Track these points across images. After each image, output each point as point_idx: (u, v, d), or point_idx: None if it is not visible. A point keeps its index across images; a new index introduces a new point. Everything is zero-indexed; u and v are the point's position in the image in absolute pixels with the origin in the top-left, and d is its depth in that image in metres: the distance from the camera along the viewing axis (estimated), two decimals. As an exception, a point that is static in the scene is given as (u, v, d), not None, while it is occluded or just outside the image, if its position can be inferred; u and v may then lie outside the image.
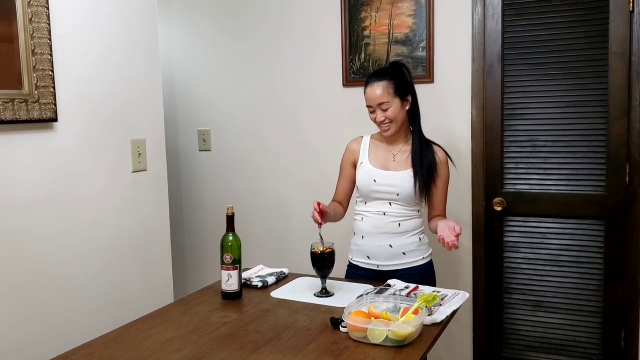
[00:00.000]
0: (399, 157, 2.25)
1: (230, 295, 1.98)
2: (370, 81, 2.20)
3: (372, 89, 2.18)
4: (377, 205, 2.24)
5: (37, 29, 1.87)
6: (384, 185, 2.21)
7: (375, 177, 2.23)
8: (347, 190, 2.37)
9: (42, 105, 1.90)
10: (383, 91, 2.16)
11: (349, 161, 2.35)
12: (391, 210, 2.22)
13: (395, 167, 2.24)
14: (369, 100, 2.19)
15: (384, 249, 2.22)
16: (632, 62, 2.44)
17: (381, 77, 2.19)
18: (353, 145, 2.36)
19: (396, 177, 2.21)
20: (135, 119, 2.34)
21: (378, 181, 2.22)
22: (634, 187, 2.49)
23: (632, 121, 2.46)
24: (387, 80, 2.18)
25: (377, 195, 2.24)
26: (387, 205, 2.22)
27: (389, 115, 2.17)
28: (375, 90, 2.17)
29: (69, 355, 1.56)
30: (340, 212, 2.35)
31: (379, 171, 2.23)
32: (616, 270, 2.56)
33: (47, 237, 1.98)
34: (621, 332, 2.58)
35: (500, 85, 2.65)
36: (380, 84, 2.17)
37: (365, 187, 2.25)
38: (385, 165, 2.25)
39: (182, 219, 3.50)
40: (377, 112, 2.18)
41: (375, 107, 2.17)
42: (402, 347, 1.55)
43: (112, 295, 2.24)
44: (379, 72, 2.24)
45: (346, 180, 2.36)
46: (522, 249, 2.71)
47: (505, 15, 2.62)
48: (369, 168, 2.26)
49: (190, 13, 3.34)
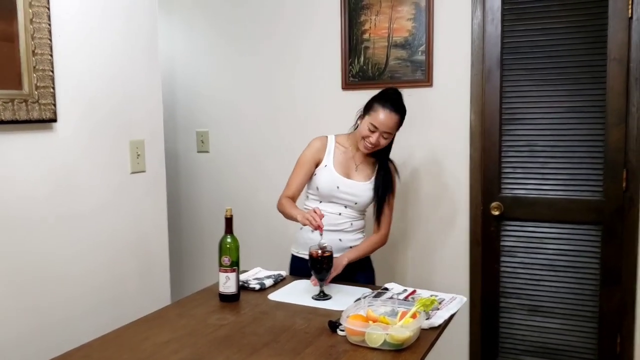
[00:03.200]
0: (361, 168, 2.34)
1: (227, 297, 1.98)
2: (389, 107, 2.20)
3: (390, 117, 2.19)
4: (333, 207, 2.31)
5: (38, 30, 1.87)
6: (346, 194, 2.29)
7: (339, 184, 2.28)
8: (301, 187, 2.38)
9: (41, 106, 1.90)
10: (396, 125, 2.23)
11: (313, 159, 2.35)
12: (346, 212, 2.32)
13: (357, 177, 2.32)
14: (381, 125, 2.19)
15: (334, 243, 2.23)
16: (631, 69, 2.45)
17: (399, 110, 2.22)
18: (318, 144, 2.37)
19: (358, 188, 2.29)
20: (135, 120, 2.34)
21: (341, 188, 2.28)
22: (630, 193, 2.50)
23: (630, 127, 2.47)
24: (401, 116, 2.23)
25: (336, 200, 2.31)
26: (343, 208, 2.31)
27: (382, 144, 2.24)
28: (392, 120, 2.20)
29: (65, 357, 1.56)
30: None
31: (343, 179, 2.29)
32: (612, 276, 2.56)
33: (45, 238, 1.97)
34: (617, 338, 2.58)
35: (499, 90, 2.66)
36: (397, 117, 2.21)
37: (328, 191, 2.30)
38: (348, 173, 2.31)
39: (180, 220, 3.50)
40: (376, 135, 2.21)
41: (380, 132, 2.20)
42: (400, 351, 1.55)
43: (109, 296, 2.23)
44: (398, 104, 2.24)
45: (305, 176, 2.36)
46: (519, 253, 2.72)
47: (505, 20, 2.62)
48: (333, 174, 2.30)
49: (191, 16, 3.34)
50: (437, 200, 2.80)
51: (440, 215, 2.82)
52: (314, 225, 2.05)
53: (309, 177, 2.36)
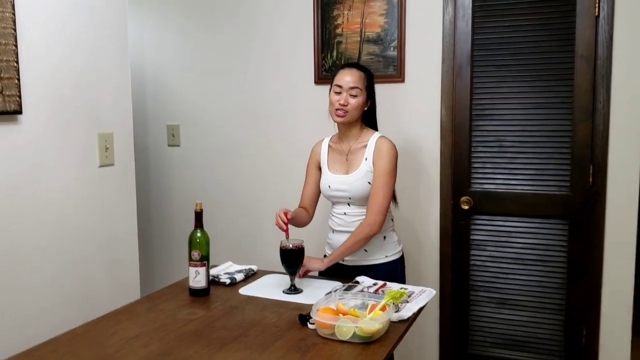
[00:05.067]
0: (351, 158, 2.26)
1: (198, 292, 1.97)
2: (348, 67, 2.25)
3: (351, 72, 2.21)
4: (339, 207, 2.29)
5: (1, 19, 1.82)
6: (337, 191, 2.25)
7: (330, 182, 2.27)
8: (312, 195, 2.38)
9: (5, 97, 1.85)
10: (360, 79, 2.20)
11: (314, 164, 2.37)
12: (351, 210, 2.25)
13: (347, 170, 2.26)
14: (344, 81, 2.19)
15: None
16: (597, 66, 2.50)
17: (360, 69, 2.25)
18: (316, 148, 2.39)
19: (346, 182, 2.23)
20: (103, 112, 2.30)
21: (332, 186, 2.26)
22: (597, 188, 2.55)
23: (597, 124, 2.52)
24: (365, 73, 2.24)
25: (334, 199, 2.29)
26: (347, 207, 2.26)
27: (353, 104, 2.18)
28: (354, 75, 2.20)
29: (32, 351, 1.54)
30: (305, 218, 2.34)
31: (334, 176, 2.27)
32: (579, 269, 2.61)
33: (11, 232, 1.93)
34: (583, 330, 2.64)
35: (470, 86, 2.69)
36: (359, 73, 2.22)
37: (325, 192, 2.31)
38: (340, 169, 2.28)
39: (150, 214, 3.46)
40: (343, 94, 2.18)
41: (346, 90, 2.18)
42: (370, 343, 1.56)
43: (78, 291, 2.20)
44: (358, 64, 2.31)
45: (311, 185, 2.37)
46: (488, 247, 2.76)
47: (476, 16, 2.65)
48: (326, 174, 2.30)
49: (162, 6, 3.30)
50: (407, 195, 2.82)
51: (411, 209, 2.84)
52: (281, 228, 2.08)
53: (317, 183, 2.35)
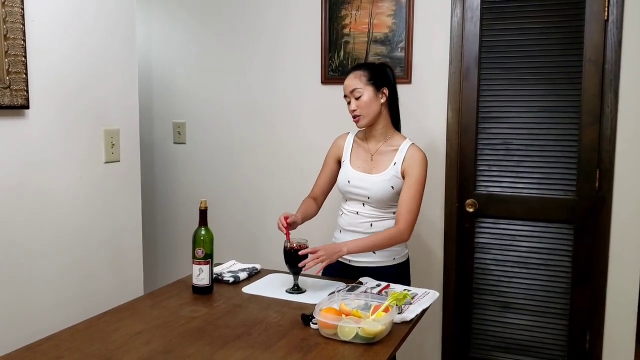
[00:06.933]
0: (377, 158, 2.24)
1: (201, 289, 1.97)
2: (348, 73, 2.26)
3: (348, 77, 2.22)
4: (352, 205, 2.26)
5: (10, 13, 1.83)
6: (356, 188, 2.21)
7: (350, 178, 2.23)
8: (325, 186, 2.37)
9: (13, 92, 1.86)
10: (356, 78, 2.20)
11: (333, 156, 2.36)
12: (364, 210, 2.22)
13: (371, 169, 2.22)
14: (344, 89, 2.22)
15: None
16: (606, 70, 2.48)
17: (357, 68, 2.26)
18: (339, 141, 2.37)
19: (369, 181, 2.20)
20: (110, 108, 2.30)
21: (352, 182, 2.22)
22: (603, 193, 2.54)
23: (604, 128, 2.51)
24: (361, 70, 2.23)
25: (350, 195, 2.25)
26: (361, 206, 2.23)
27: (361, 104, 2.17)
28: (350, 77, 2.21)
29: (34, 346, 1.54)
30: (312, 212, 2.32)
31: (355, 173, 2.23)
32: (584, 274, 2.60)
33: (17, 227, 1.93)
34: (586, 335, 2.63)
35: (477, 88, 2.68)
36: (355, 72, 2.22)
37: (342, 187, 2.27)
38: (363, 166, 2.24)
39: (155, 211, 3.47)
40: (351, 101, 2.20)
41: (350, 95, 2.19)
42: (372, 344, 1.56)
43: (82, 287, 2.20)
44: (356, 66, 2.33)
45: (327, 176, 2.36)
46: (492, 250, 2.75)
47: (484, 18, 2.64)
48: (347, 168, 2.27)
49: (170, 4, 3.30)
50: (413, 197, 2.80)
51: (416, 211, 2.83)
52: (282, 231, 2.08)
53: (333, 175, 2.34)
